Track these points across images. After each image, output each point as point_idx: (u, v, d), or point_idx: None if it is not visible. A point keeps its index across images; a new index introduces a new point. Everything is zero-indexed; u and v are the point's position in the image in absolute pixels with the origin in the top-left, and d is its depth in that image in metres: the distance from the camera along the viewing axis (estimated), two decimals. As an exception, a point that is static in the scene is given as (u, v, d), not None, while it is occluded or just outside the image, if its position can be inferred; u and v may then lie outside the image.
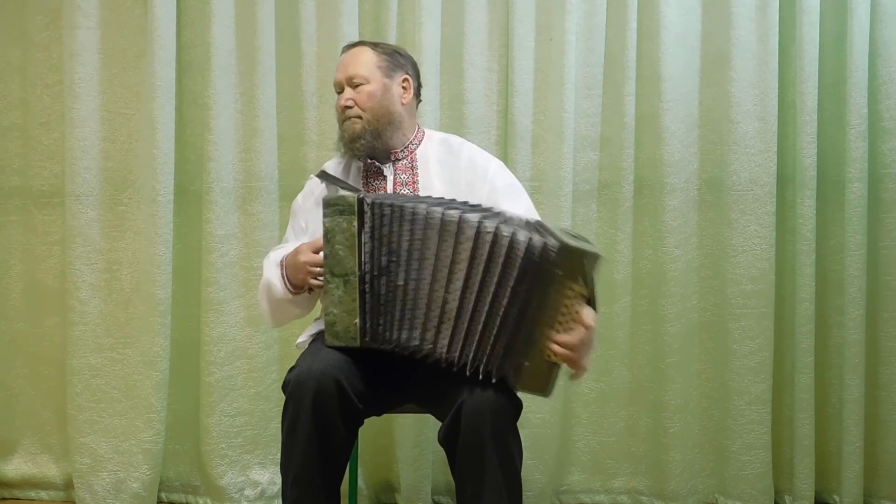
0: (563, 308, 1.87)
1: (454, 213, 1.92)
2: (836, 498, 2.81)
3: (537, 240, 1.86)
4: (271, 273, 2.17)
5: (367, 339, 2.00)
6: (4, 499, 2.86)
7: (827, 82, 2.75)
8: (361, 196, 1.99)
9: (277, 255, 2.20)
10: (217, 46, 2.69)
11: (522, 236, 1.86)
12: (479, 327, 1.90)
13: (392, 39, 2.69)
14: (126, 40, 2.76)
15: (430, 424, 2.73)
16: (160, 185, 2.69)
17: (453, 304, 1.92)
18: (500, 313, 1.88)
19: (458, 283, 1.92)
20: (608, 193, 2.80)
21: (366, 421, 2.08)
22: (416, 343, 1.97)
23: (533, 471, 2.77)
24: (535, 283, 1.86)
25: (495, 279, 1.88)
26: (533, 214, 2.20)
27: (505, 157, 2.73)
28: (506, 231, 1.87)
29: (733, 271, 2.77)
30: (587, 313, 1.89)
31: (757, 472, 2.78)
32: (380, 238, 1.98)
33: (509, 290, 1.87)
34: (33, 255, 2.85)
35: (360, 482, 2.80)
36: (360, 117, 2.20)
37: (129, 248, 2.78)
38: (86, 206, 2.74)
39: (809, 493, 2.77)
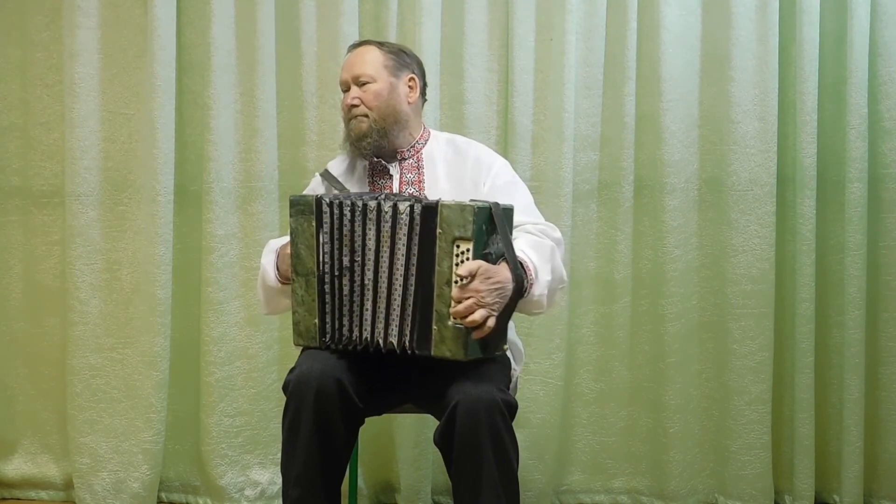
0: (455, 267, 1.88)
1: (387, 204, 1.95)
2: (836, 498, 2.81)
3: (403, 206, 1.91)
4: (267, 260, 2.18)
5: (325, 339, 2.02)
6: (4, 499, 2.86)
7: (827, 82, 2.75)
8: (319, 196, 2.00)
9: (277, 243, 2.21)
10: (217, 46, 2.69)
11: (401, 206, 1.93)
12: (402, 305, 1.95)
13: (392, 39, 2.68)
14: (126, 40, 2.76)
15: (429, 424, 2.72)
16: (160, 185, 2.69)
17: (392, 292, 1.96)
18: (406, 285, 1.94)
19: (393, 270, 1.96)
20: (608, 193, 2.80)
21: (366, 421, 2.08)
22: (368, 337, 1.98)
23: (533, 471, 2.77)
24: (424, 247, 1.91)
25: (402, 254, 1.94)
26: (532, 210, 2.21)
27: (505, 157, 2.71)
28: (386, 206, 1.94)
29: (733, 271, 2.77)
30: (464, 266, 1.86)
31: (757, 472, 2.78)
32: (340, 238, 1.99)
33: (406, 261, 1.93)
34: (33, 255, 2.84)
35: (360, 482, 2.80)
36: (366, 116, 2.20)
37: (129, 248, 2.78)
38: (86, 206, 2.74)
39: (809, 493, 2.77)
